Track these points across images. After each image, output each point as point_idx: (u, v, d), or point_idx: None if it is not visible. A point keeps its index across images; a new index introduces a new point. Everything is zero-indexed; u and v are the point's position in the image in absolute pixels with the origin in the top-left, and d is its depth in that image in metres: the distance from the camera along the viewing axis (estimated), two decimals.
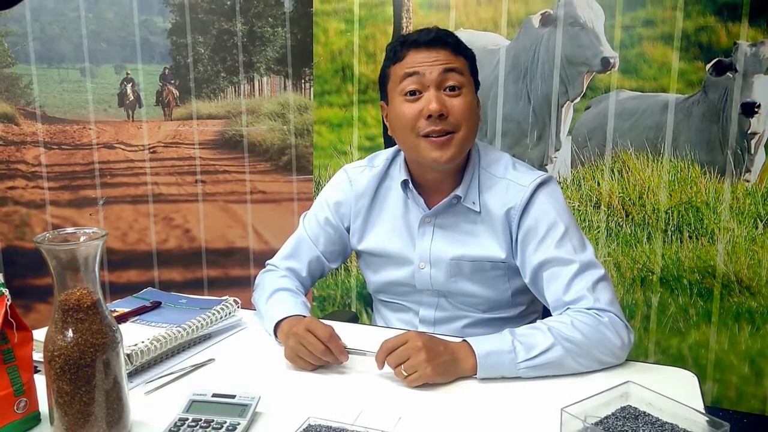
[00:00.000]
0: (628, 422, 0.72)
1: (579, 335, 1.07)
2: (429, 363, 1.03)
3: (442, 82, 1.18)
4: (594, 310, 1.12)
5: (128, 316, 1.21)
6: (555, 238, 1.18)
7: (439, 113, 1.17)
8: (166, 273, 2.60)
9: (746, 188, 2.05)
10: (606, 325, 1.10)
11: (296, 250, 1.38)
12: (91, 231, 0.88)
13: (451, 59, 1.20)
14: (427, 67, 1.18)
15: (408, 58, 1.20)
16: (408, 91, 1.19)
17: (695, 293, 2.14)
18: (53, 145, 2.55)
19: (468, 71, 1.22)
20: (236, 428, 0.90)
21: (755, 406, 2.12)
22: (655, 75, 2.07)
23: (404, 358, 1.03)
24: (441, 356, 1.04)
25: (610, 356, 1.10)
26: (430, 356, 1.03)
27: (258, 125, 2.53)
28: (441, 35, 1.20)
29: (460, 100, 1.19)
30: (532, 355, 1.06)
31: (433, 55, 1.19)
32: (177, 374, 1.09)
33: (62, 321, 0.86)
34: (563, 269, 1.16)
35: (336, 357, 1.09)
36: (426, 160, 1.21)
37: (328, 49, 2.36)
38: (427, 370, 1.02)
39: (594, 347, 1.08)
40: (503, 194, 1.23)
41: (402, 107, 1.20)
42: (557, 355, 1.06)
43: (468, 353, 1.07)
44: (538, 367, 1.06)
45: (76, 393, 0.86)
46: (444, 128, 1.18)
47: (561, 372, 1.08)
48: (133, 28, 2.47)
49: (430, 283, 1.31)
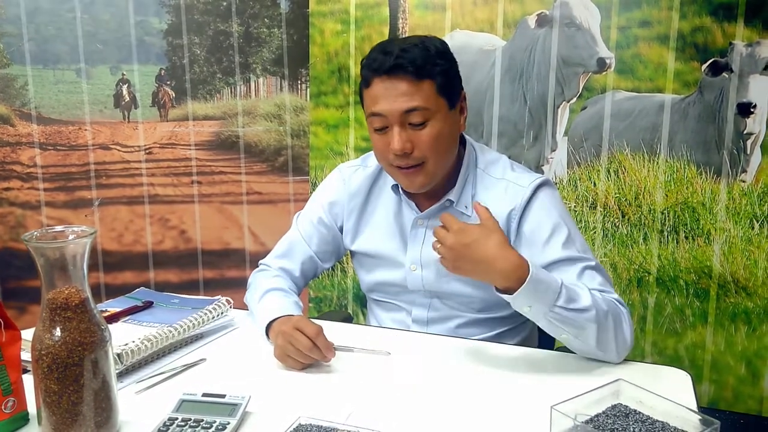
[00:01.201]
0: (619, 420, 0.71)
1: (608, 312, 1.08)
2: (454, 258, 1.04)
3: (405, 119, 1.15)
4: (614, 298, 1.14)
5: (119, 315, 1.21)
6: (561, 239, 1.19)
7: (402, 152, 1.15)
8: (161, 274, 2.60)
9: (742, 188, 2.05)
10: (624, 315, 1.12)
11: (289, 250, 1.38)
12: (79, 229, 0.87)
13: (412, 91, 1.13)
14: (388, 105, 1.14)
15: (373, 86, 1.16)
16: (375, 127, 1.18)
17: (691, 294, 2.13)
18: (49, 146, 2.55)
19: (436, 93, 1.15)
20: (226, 428, 0.90)
21: (752, 407, 2.12)
22: (651, 75, 2.07)
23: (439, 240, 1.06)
24: (475, 261, 1.04)
25: (618, 347, 1.10)
26: (460, 255, 1.04)
27: (254, 126, 2.53)
28: (401, 62, 1.12)
29: (426, 133, 1.15)
30: (570, 306, 1.05)
31: (393, 85, 1.13)
32: (168, 374, 1.09)
33: (50, 319, 0.85)
34: (574, 266, 1.17)
35: (323, 354, 1.09)
36: (402, 186, 1.26)
37: (325, 50, 2.36)
38: (450, 263, 1.05)
39: (612, 331, 1.08)
40: (502, 195, 1.23)
41: (373, 137, 1.21)
42: (586, 319, 1.05)
43: (519, 265, 1.03)
44: (565, 320, 1.05)
45: (64, 392, 0.85)
46: (409, 163, 1.17)
47: (575, 337, 1.07)
48: (128, 29, 2.47)
49: (421, 285, 1.30)
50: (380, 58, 1.14)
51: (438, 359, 1.15)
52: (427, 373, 1.10)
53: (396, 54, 1.13)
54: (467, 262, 1.04)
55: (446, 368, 1.12)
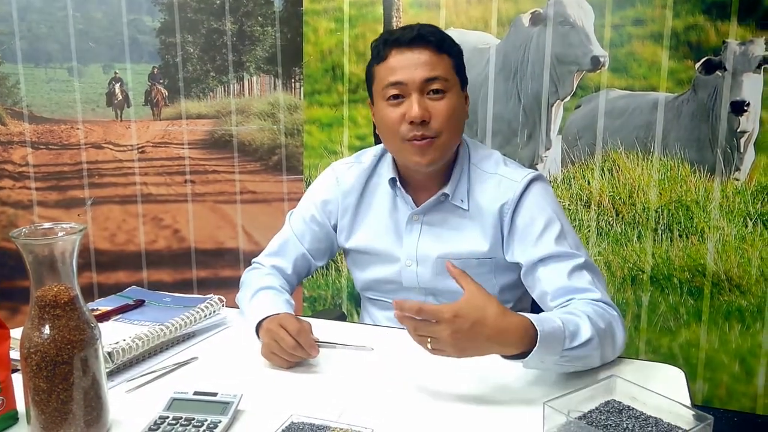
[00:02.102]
0: (612, 416, 0.71)
1: (603, 326, 1.04)
2: (455, 348, 0.93)
3: (425, 87, 1.17)
4: (602, 302, 1.11)
5: (111, 314, 1.20)
6: (554, 234, 1.18)
7: (421, 119, 1.16)
8: (155, 274, 2.58)
9: (736, 187, 2.05)
10: (615, 319, 1.09)
11: (282, 248, 1.37)
12: (68, 226, 0.86)
13: (434, 61, 1.17)
14: (408, 73, 1.16)
15: (391, 59, 1.18)
16: (391, 95, 1.19)
17: (685, 292, 2.13)
18: (41, 145, 2.53)
19: (453, 70, 1.20)
20: (217, 426, 0.89)
21: (745, 405, 2.12)
22: (644, 74, 2.07)
23: (426, 335, 0.94)
24: (477, 342, 0.94)
25: (614, 353, 1.08)
26: (460, 342, 0.93)
27: (248, 125, 2.52)
28: (423, 33, 1.17)
29: (444, 104, 1.17)
30: (576, 344, 0.99)
31: (415, 56, 1.17)
32: (159, 373, 1.08)
33: (39, 317, 0.85)
34: (565, 262, 1.16)
35: (307, 352, 1.08)
36: (409, 163, 1.23)
37: (318, 48, 2.35)
38: (455, 354, 0.94)
39: (608, 342, 1.05)
40: (495, 190, 1.23)
41: (386, 111, 1.20)
42: (592, 348, 1.01)
43: (525, 331, 0.95)
44: (574, 359, 1.00)
45: (53, 391, 0.84)
46: (425, 134, 1.17)
47: (580, 368, 1.03)
48: (121, 27, 2.45)
49: (416, 281, 1.30)
50: (399, 32, 1.19)
51: (430, 356, 1.15)
52: (419, 370, 1.09)
53: (417, 28, 1.18)
54: (474, 346, 0.95)
55: (439, 364, 1.11)
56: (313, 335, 1.12)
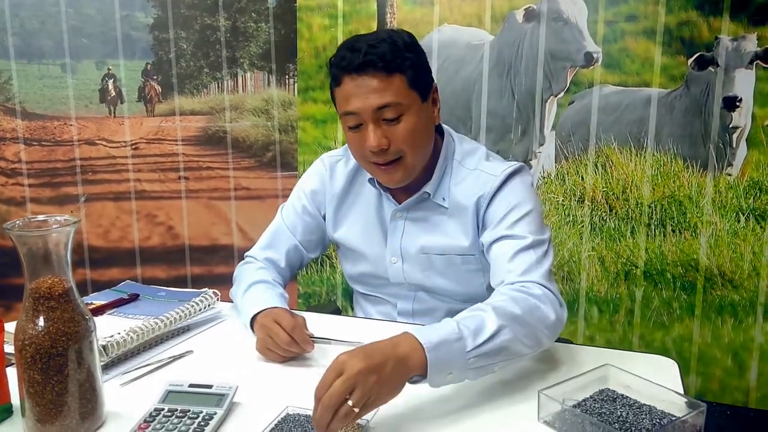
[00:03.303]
0: (606, 404, 0.71)
1: (519, 311, 0.99)
2: (380, 383, 0.84)
3: (378, 117, 1.13)
4: (525, 282, 1.07)
5: (105, 308, 1.19)
6: (514, 218, 1.17)
7: (379, 149, 1.14)
8: (149, 270, 2.58)
9: (728, 182, 2.06)
10: (540, 298, 1.04)
11: (274, 240, 1.37)
12: (62, 218, 0.86)
13: (384, 87, 1.11)
14: (360, 102, 1.12)
15: (344, 85, 1.14)
16: (348, 126, 1.17)
17: (678, 287, 2.15)
18: (33, 142, 2.52)
19: (407, 87, 1.14)
20: (213, 418, 0.89)
21: (738, 399, 2.13)
22: (637, 70, 2.08)
23: (347, 392, 0.82)
24: (386, 365, 0.85)
25: (548, 334, 1.03)
26: (378, 375, 0.84)
27: (242, 121, 2.51)
28: (369, 59, 1.11)
29: (401, 127, 1.14)
30: (481, 341, 0.93)
31: (364, 83, 1.11)
32: (154, 366, 1.08)
33: (33, 309, 0.84)
34: (512, 242, 1.14)
35: (301, 347, 1.08)
36: (380, 181, 1.24)
37: (312, 44, 2.35)
38: (381, 390, 0.85)
39: (534, 324, 1.00)
40: (473, 184, 1.23)
41: (348, 135, 1.20)
42: (507, 338, 0.95)
43: (412, 347, 0.89)
44: (488, 355, 0.93)
45: (48, 383, 0.84)
46: (387, 159, 1.16)
47: (509, 359, 0.97)
48: (114, 24, 2.44)
49: (403, 277, 1.31)
50: (348, 55, 1.12)
51: None
52: None
53: (364, 51, 1.11)
54: (385, 372, 0.85)
55: None
56: (307, 330, 1.12)
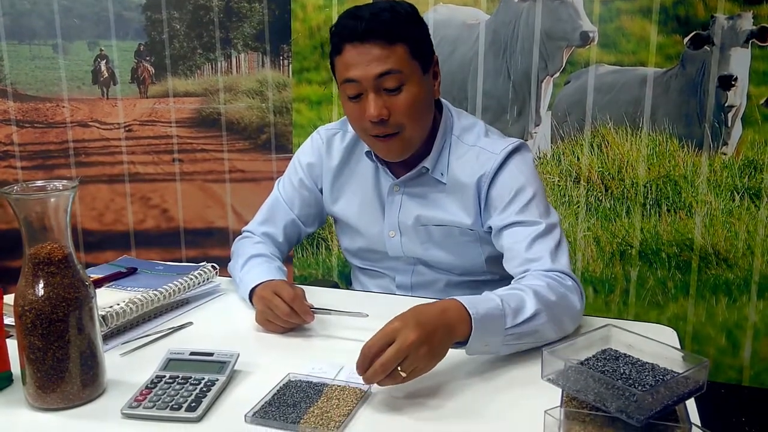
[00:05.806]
0: (609, 363, 0.71)
1: (555, 298, 1.02)
2: (430, 354, 0.87)
3: (380, 84, 1.12)
4: (556, 272, 1.09)
5: (103, 281, 1.18)
6: (522, 202, 1.17)
7: (379, 118, 1.13)
8: (144, 253, 2.56)
9: (723, 161, 2.07)
10: (570, 289, 1.06)
11: (271, 215, 1.37)
12: (61, 183, 0.85)
13: (386, 55, 1.11)
14: (362, 70, 1.11)
15: (345, 54, 1.13)
16: (349, 95, 1.16)
17: (673, 266, 2.16)
18: (26, 124, 2.49)
19: (409, 57, 1.13)
20: (214, 384, 0.89)
21: (732, 377, 2.15)
22: (633, 49, 2.08)
23: (399, 361, 0.84)
24: (436, 335, 0.87)
25: (572, 323, 1.06)
26: (429, 346, 0.86)
27: (236, 103, 2.49)
28: (372, 26, 1.10)
29: (402, 98, 1.13)
30: (520, 321, 0.96)
31: (366, 51, 1.11)
32: (154, 336, 1.08)
33: (32, 275, 0.84)
34: (527, 229, 1.14)
35: (301, 318, 1.08)
36: (379, 154, 1.23)
37: (307, 25, 2.33)
38: (430, 360, 0.88)
39: (564, 312, 1.03)
40: (473, 162, 1.22)
41: (347, 106, 1.18)
42: (541, 323, 0.98)
43: (460, 316, 0.91)
44: (521, 335, 0.97)
45: (48, 349, 0.83)
46: (386, 131, 1.15)
47: (537, 342, 0.98)
48: (106, 3, 2.41)
49: (401, 251, 1.30)
50: (351, 23, 1.12)
51: None
52: None
53: (367, 19, 1.11)
54: (435, 338, 0.87)
55: None
56: (307, 301, 1.12)
